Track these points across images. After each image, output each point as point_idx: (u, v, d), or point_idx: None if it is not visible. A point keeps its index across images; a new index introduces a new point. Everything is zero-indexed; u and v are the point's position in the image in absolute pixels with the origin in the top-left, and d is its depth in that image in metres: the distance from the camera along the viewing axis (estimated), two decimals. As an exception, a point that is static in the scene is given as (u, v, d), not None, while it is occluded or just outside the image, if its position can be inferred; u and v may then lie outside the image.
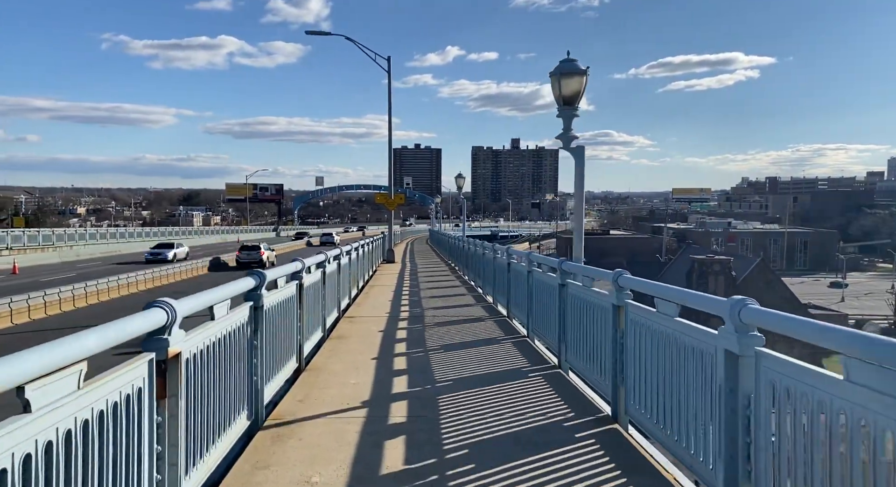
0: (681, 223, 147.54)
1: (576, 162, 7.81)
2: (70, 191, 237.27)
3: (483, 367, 7.42)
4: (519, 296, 10.30)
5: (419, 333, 9.75)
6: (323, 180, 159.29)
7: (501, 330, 10.12)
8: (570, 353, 7.05)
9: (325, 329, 9.20)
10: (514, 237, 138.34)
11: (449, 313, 12.00)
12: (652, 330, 4.63)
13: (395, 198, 32.80)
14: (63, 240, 52.28)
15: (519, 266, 10.40)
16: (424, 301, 13.94)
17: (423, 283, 18.40)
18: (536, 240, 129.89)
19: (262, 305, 5.22)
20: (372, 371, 7.25)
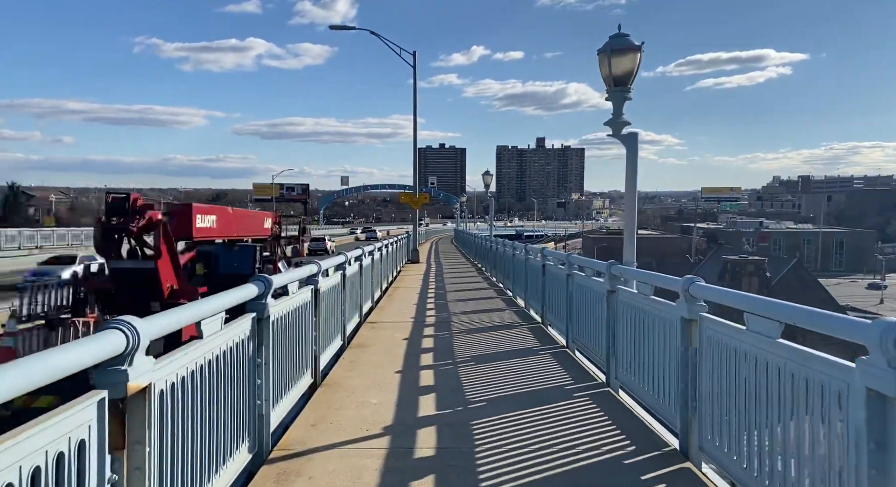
0: (710, 223, 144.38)
1: (627, 151, 6.91)
2: (103, 192, 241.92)
3: (520, 384, 6.57)
4: (556, 302, 9.42)
5: (447, 342, 8.93)
6: (348, 180, 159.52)
7: (536, 338, 9.25)
8: (621, 370, 6.17)
9: (345, 337, 8.44)
10: (540, 236, 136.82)
11: (478, 318, 11.16)
12: (740, 352, 3.74)
13: (419, 197, 32.08)
14: (91, 240, 52.74)
15: (556, 268, 9.52)
16: (451, 304, 13.12)
17: (450, 285, 17.58)
18: (562, 239, 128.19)
19: (267, 316, 4.46)
20: (395, 387, 6.45)
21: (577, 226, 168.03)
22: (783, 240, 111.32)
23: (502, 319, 11.15)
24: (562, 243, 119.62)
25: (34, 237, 45.37)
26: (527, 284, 12.19)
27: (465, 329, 10.02)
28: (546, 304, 10.18)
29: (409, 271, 23.07)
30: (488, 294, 15.32)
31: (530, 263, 11.89)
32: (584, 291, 7.61)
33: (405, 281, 18.95)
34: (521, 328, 10.19)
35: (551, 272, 9.85)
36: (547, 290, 10.14)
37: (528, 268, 12.02)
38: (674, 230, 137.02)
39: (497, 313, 11.90)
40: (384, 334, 9.56)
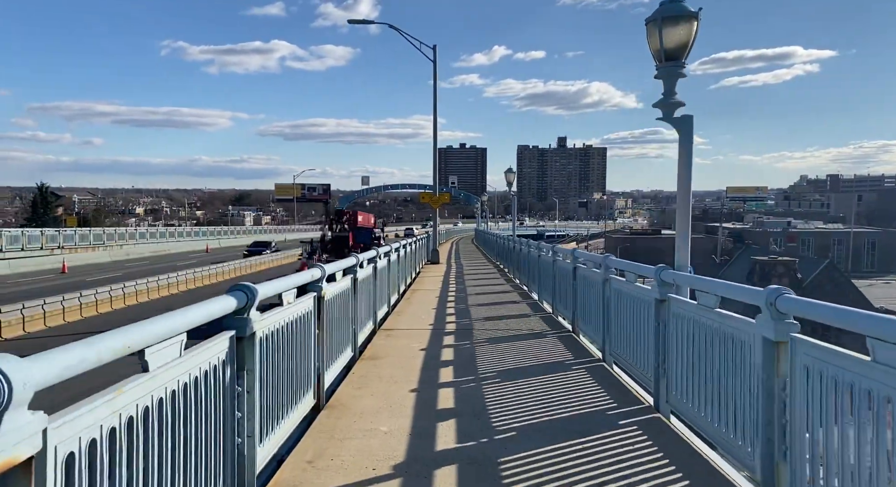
0: (736, 223, 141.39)
1: (681, 136, 5.96)
2: (130, 192, 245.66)
3: (554, 407, 5.67)
4: (589, 309, 8.49)
5: (468, 353, 8.05)
6: (368, 180, 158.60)
7: (568, 349, 8.34)
8: (674, 393, 5.25)
9: (356, 347, 7.62)
10: (561, 236, 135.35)
11: (502, 325, 10.26)
12: (863, 391, 2.81)
13: (439, 196, 31.25)
14: (114, 240, 52.84)
15: (589, 272, 8.58)
16: (472, 309, 12.23)
17: (471, 287, 16.70)
18: (584, 239, 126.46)
19: (252, 333, 3.66)
20: (409, 410, 5.59)
21: (599, 225, 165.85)
22: (812, 240, 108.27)
23: (528, 326, 10.24)
24: (584, 243, 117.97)
25: (56, 237, 45.53)
26: (555, 288, 11.26)
27: (488, 337, 9.14)
28: (578, 311, 9.26)
29: (429, 272, 22.24)
30: (512, 297, 14.42)
31: (559, 266, 10.97)
32: (626, 299, 6.68)
33: (424, 283, 18.12)
34: (549, 337, 9.28)
35: (584, 276, 8.92)
36: (579, 296, 9.21)
37: (557, 271, 11.10)
38: (699, 230, 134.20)
39: (522, 319, 10.99)
40: (400, 343, 8.71)
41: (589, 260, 8.91)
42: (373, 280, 9.28)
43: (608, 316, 7.38)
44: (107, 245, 50.81)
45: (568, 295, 9.98)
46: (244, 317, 3.58)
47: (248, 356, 3.62)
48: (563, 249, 11.37)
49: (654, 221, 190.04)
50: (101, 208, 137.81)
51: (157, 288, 28.05)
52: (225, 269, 38.36)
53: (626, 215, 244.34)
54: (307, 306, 5.17)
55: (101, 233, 52.04)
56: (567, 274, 9.98)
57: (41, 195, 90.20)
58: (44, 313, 19.37)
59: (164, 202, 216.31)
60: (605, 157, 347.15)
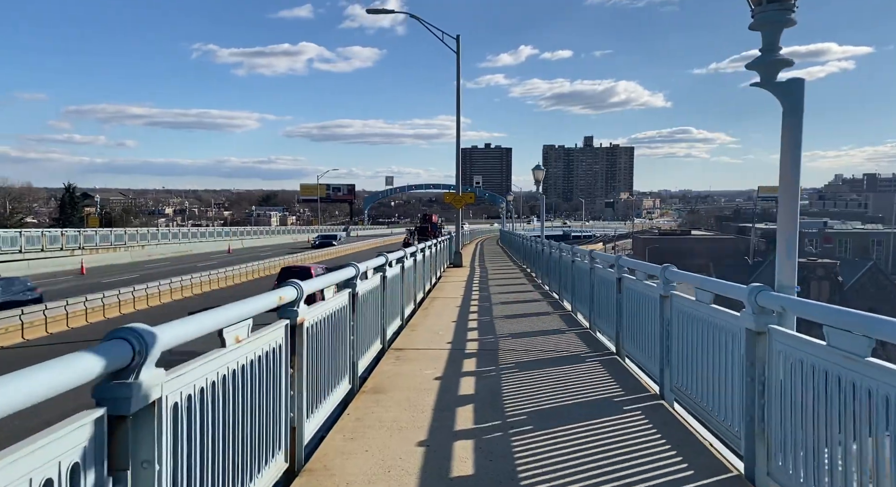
0: (769, 223, 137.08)
1: (784, 109, 4.46)
2: (160, 193, 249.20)
3: (609, 470, 4.20)
4: (641, 331, 6.97)
5: (494, 385, 6.59)
6: (392, 180, 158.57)
7: (615, 379, 6.82)
8: (778, 461, 3.76)
9: (355, 378, 6.22)
10: (588, 237, 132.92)
11: (532, 346, 8.78)
12: None
13: (463, 196, 29.83)
14: (135, 240, 52.51)
15: (641, 285, 7.04)
16: (498, 323, 10.76)
17: (496, 296, 15.21)
18: (611, 240, 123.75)
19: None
20: (415, 479, 4.17)
21: (626, 226, 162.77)
22: (850, 241, 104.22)
23: (563, 345, 8.75)
24: (611, 244, 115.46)
25: (76, 238, 45.22)
26: (593, 300, 9.75)
27: (517, 361, 7.68)
28: (626, 332, 7.74)
29: (451, 277, 20.81)
30: (542, 307, 12.91)
31: (599, 275, 9.46)
32: (697, 325, 5.16)
33: (445, 289, 16.69)
34: (590, 361, 7.77)
35: (633, 290, 7.39)
36: (625, 313, 7.69)
37: (596, 281, 9.59)
38: (729, 230, 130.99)
39: (555, 337, 9.49)
40: (410, 369, 7.29)
41: (638, 269, 7.38)
42: (381, 292, 7.88)
43: (668, 342, 5.87)
44: (128, 245, 50.47)
45: (610, 310, 8.47)
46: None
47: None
48: (604, 256, 9.84)
49: (683, 221, 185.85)
50: (129, 208, 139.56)
51: (170, 291, 27.17)
52: (241, 271, 37.46)
53: (654, 215, 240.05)
54: (276, 337, 3.77)
55: (122, 233, 51.74)
56: (609, 286, 8.47)
57: (69, 196, 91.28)
58: (45, 318, 18.50)
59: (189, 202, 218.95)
60: (632, 157, 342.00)
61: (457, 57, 24.74)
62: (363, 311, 6.72)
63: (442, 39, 24.57)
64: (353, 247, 63.83)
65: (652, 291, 6.46)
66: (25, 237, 40.56)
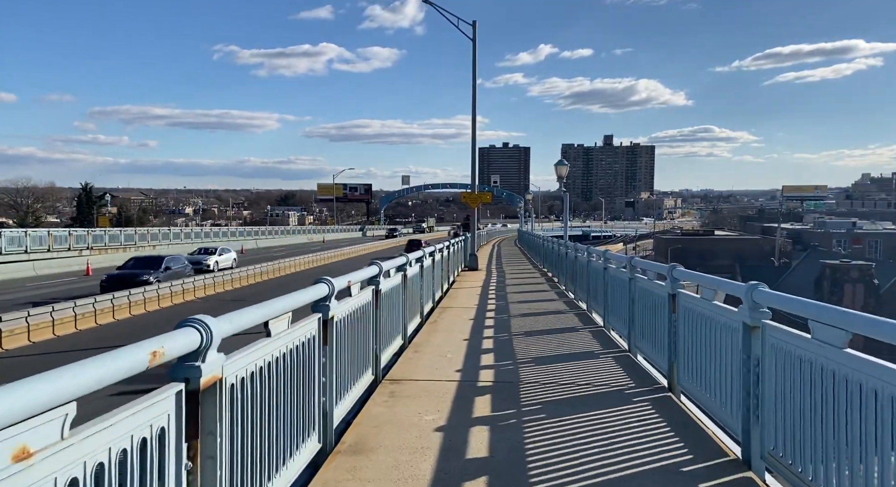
0: (795, 223, 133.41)
1: None
2: (181, 193, 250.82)
3: None
4: (697, 359, 5.26)
5: (515, 442, 4.89)
6: (409, 179, 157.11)
7: (670, 426, 5.12)
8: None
9: (327, 435, 4.58)
10: (608, 237, 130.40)
11: (562, 374, 7.08)
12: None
13: (479, 194, 28.19)
14: (146, 240, 51.53)
15: (703, 304, 5.30)
16: (518, 342, 9.08)
17: (514, 304, 13.52)
18: (633, 240, 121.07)
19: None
20: None
21: (646, 225, 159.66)
22: (881, 241, 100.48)
23: (599, 375, 7.06)
24: (632, 244, 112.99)
25: (84, 238, 44.26)
26: (632, 316, 8.04)
27: (542, 399, 6.01)
28: (678, 359, 6.03)
29: (465, 281, 19.15)
30: (569, 321, 11.20)
31: (641, 287, 7.75)
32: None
33: (458, 297, 15.04)
34: (638, 398, 6.07)
35: (690, 310, 5.67)
36: (680, 337, 5.98)
37: (638, 295, 7.87)
38: (754, 231, 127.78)
39: (588, 363, 7.78)
40: (406, 413, 5.64)
41: (701, 284, 5.64)
42: (373, 310, 6.26)
43: (751, 385, 4.17)
44: (139, 246, 49.49)
45: (659, 331, 6.77)
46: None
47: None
48: (648, 264, 8.12)
49: (705, 221, 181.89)
50: (146, 208, 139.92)
51: (170, 295, 25.89)
52: (251, 273, 36.17)
53: (676, 215, 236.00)
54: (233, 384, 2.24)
55: (132, 233, 50.81)
56: (659, 303, 6.76)
57: (86, 195, 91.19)
58: (27, 326, 17.26)
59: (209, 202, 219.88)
60: (653, 156, 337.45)
61: (473, 44, 23.12)
62: (351, 335, 5.13)
63: (457, 26, 22.94)
64: (362, 249, 62.24)
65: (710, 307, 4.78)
66: (31, 237, 39.62)
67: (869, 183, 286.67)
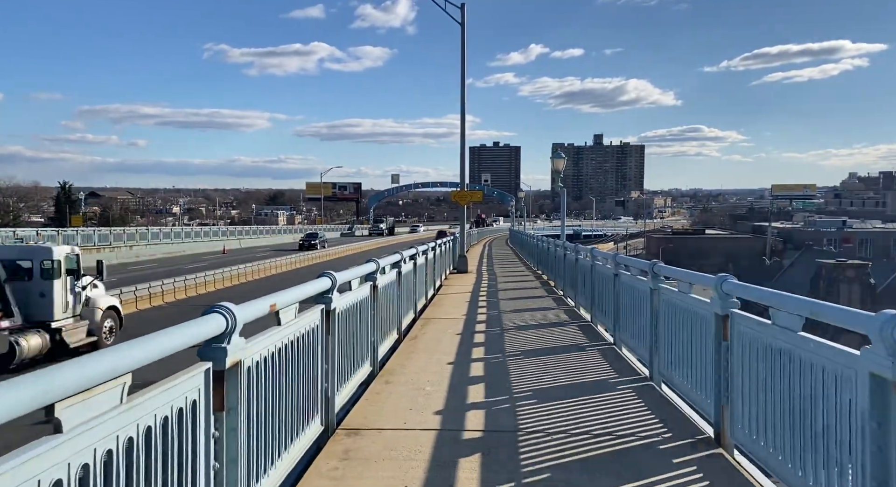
0: (785, 222, 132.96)
1: None
2: (170, 192, 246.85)
3: None
4: (744, 392, 3.66)
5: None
6: (398, 178, 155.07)
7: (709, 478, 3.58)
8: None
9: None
10: (599, 236, 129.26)
11: (577, 416, 5.45)
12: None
13: (470, 193, 26.62)
14: (122, 240, 49.44)
15: (761, 329, 3.70)
16: (514, 367, 7.41)
17: (508, 315, 11.86)
18: (624, 239, 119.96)
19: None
20: None
21: (636, 225, 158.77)
22: (870, 240, 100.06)
23: (620, 404, 5.45)
24: (623, 243, 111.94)
25: (54, 239, 42.18)
26: (653, 333, 6.44)
27: (557, 462, 4.38)
28: (730, 398, 4.42)
29: (454, 285, 17.49)
30: (572, 335, 9.56)
31: (668, 299, 6.13)
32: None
33: (444, 305, 13.38)
34: (669, 448, 4.45)
35: (746, 333, 4.07)
36: (736, 373, 4.38)
37: (667, 310, 6.25)
38: (745, 230, 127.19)
39: (599, 384, 6.16)
40: (370, 479, 3.99)
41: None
42: (322, 337, 4.59)
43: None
44: (114, 246, 47.43)
45: (700, 362, 5.17)
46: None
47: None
48: (673, 270, 6.51)
49: (695, 221, 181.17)
50: (130, 207, 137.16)
51: (135, 300, 24.11)
52: (229, 274, 34.37)
53: (665, 214, 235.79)
54: None
55: (108, 233, 48.73)
56: (701, 324, 5.15)
57: (65, 194, 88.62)
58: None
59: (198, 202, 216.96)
60: (643, 155, 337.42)
61: (461, 28, 21.51)
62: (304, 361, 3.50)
63: (444, 8, 21.30)
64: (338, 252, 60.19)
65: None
66: (-5, 237, 37.61)
67: (857, 181, 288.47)
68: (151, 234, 54.97)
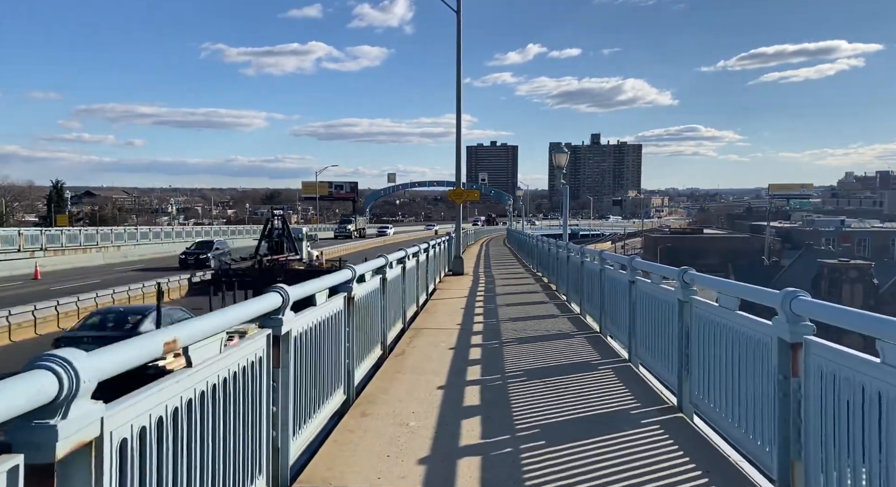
0: (783, 221, 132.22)
1: None
2: (166, 192, 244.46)
3: None
4: None
5: None
6: (394, 177, 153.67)
7: None
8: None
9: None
10: (596, 236, 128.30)
11: (598, 468, 4.33)
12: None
13: (466, 192, 25.52)
14: (109, 240, 48.10)
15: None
16: (517, 394, 6.25)
17: (508, 325, 10.70)
18: (622, 239, 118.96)
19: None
20: None
21: (634, 224, 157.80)
22: (869, 240, 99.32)
23: (650, 444, 4.33)
24: (621, 243, 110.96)
25: (37, 238, 40.81)
26: (683, 354, 5.32)
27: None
28: (795, 444, 3.31)
29: (449, 290, 16.36)
30: (581, 350, 8.43)
31: (704, 316, 5.01)
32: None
33: (437, 312, 12.23)
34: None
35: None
36: (803, 417, 3.27)
37: (702, 327, 5.13)
38: (742, 229, 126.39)
39: (619, 417, 5.04)
40: None
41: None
42: (287, 372, 3.47)
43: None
44: (101, 246, 46.12)
45: (751, 395, 4.06)
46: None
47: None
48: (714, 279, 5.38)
49: (693, 220, 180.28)
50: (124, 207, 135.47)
51: (112, 302, 22.93)
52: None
53: (663, 214, 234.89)
54: None
55: (93, 233, 47.35)
56: (764, 355, 4.04)
57: (57, 193, 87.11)
58: None
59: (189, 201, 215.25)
60: (640, 154, 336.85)
61: (457, 16, 20.41)
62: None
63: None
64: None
65: None
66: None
67: (854, 181, 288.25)
68: (140, 234, 53.66)
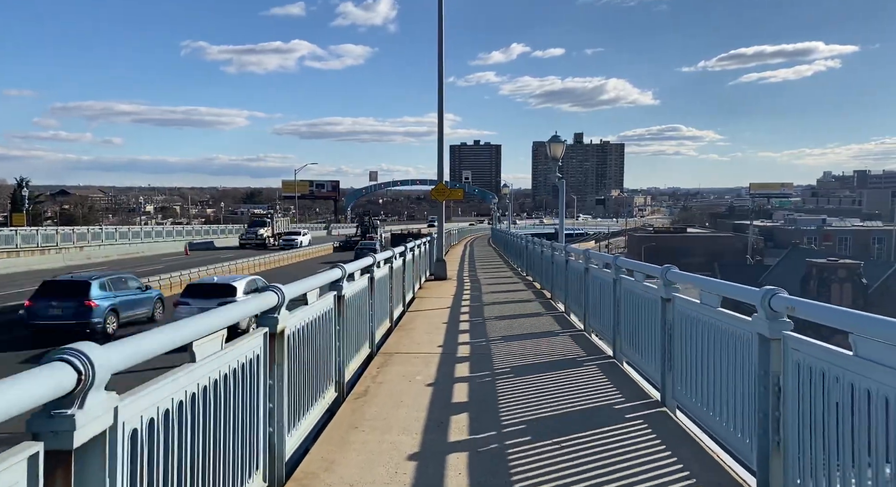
0: (765, 220, 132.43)
1: None
2: (146, 190, 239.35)
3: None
4: None
5: None
6: (376, 175, 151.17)
7: None
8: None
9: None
10: (580, 235, 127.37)
11: None
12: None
13: (449, 190, 23.76)
14: (71, 241, 45.44)
15: None
16: (519, 458, 4.54)
17: (499, 345, 8.97)
18: (605, 238, 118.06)
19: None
20: None
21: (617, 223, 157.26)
22: (850, 238, 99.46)
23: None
24: (604, 242, 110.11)
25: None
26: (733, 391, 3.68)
27: None
28: None
29: (429, 298, 14.58)
30: (595, 382, 6.76)
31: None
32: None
33: (415, 328, 10.45)
34: None
35: None
36: None
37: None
38: (725, 228, 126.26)
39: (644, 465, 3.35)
40: None
41: None
42: None
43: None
44: (61, 246, 43.54)
45: None
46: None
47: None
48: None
49: (675, 219, 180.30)
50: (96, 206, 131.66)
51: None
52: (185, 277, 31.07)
53: (646, 213, 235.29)
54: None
55: (53, 233, 44.70)
56: None
57: (19, 192, 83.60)
58: None
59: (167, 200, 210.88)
60: (622, 154, 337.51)
61: (439, 6, 18.74)
62: None
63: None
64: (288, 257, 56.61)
65: None
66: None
67: (833, 180, 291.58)
68: (106, 234, 50.96)
